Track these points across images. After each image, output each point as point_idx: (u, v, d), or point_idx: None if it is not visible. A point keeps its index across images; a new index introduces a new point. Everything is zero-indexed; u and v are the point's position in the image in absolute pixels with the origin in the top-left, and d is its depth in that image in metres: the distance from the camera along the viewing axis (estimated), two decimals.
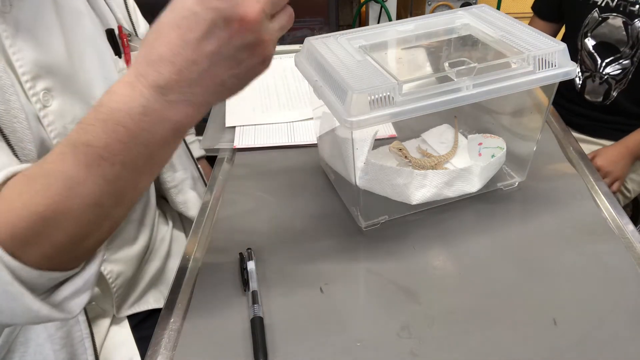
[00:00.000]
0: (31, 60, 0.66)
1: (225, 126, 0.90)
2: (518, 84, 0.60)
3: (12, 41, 0.64)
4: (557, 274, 0.61)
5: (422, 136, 0.83)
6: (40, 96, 0.66)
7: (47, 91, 0.67)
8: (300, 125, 0.89)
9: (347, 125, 0.55)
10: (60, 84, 0.69)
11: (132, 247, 0.82)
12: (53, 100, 0.68)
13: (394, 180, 0.66)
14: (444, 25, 0.71)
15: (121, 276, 0.79)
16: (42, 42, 0.68)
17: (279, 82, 1.03)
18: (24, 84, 0.65)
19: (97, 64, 0.76)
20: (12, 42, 0.64)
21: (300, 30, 1.83)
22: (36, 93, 0.66)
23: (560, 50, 0.61)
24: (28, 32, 0.66)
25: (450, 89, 0.58)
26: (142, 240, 0.83)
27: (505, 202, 0.72)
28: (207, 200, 0.75)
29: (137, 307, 0.83)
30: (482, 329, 0.55)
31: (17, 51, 0.64)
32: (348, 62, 0.60)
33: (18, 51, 0.64)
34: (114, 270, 0.78)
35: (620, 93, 1.22)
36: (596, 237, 0.65)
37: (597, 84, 1.24)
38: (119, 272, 0.78)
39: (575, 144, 0.83)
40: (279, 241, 0.67)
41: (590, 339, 0.53)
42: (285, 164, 0.81)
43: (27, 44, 0.65)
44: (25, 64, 0.65)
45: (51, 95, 0.68)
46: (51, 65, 0.68)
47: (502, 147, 0.72)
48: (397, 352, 0.53)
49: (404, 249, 0.65)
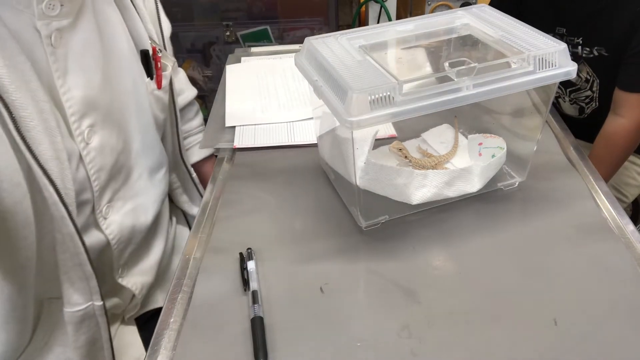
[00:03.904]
0: (79, 98, 0.63)
1: (225, 126, 0.90)
2: (518, 84, 0.60)
3: (63, 80, 0.61)
4: (557, 274, 0.61)
5: (422, 136, 0.83)
6: (84, 135, 0.64)
7: (90, 128, 0.65)
8: (300, 125, 0.89)
9: (347, 125, 0.55)
10: (101, 118, 0.67)
11: (150, 256, 0.82)
12: (94, 136, 0.66)
13: (394, 180, 0.65)
14: (443, 25, 0.71)
15: (145, 285, 0.79)
16: (89, 76, 0.65)
17: (279, 82, 1.03)
18: (72, 124, 0.62)
19: (130, 88, 0.73)
20: (63, 82, 0.61)
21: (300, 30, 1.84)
22: (82, 132, 0.64)
23: (560, 50, 0.61)
24: (77, 67, 0.62)
25: (450, 89, 0.58)
26: (158, 247, 0.83)
27: (505, 202, 0.72)
28: (207, 200, 0.75)
29: (145, 307, 0.84)
30: (482, 329, 0.55)
31: (67, 90, 0.61)
32: (348, 62, 0.60)
33: (68, 90, 0.61)
34: (137, 282, 0.78)
35: (593, 112, 1.22)
36: (596, 237, 0.65)
37: (569, 105, 1.25)
38: (143, 283, 0.79)
39: (575, 144, 0.83)
40: (279, 241, 0.67)
41: (590, 339, 0.53)
42: (285, 164, 0.81)
43: (76, 81, 0.62)
44: (75, 103, 0.62)
45: (94, 132, 0.66)
46: (95, 100, 0.65)
47: (502, 147, 0.72)
48: (397, 352, 0.53)
49: (404, 249, 0.65)
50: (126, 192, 0.74)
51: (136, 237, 0.77)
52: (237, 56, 1.16)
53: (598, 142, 1.15)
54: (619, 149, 1.14)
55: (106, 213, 0.71)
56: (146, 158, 0.78)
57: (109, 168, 0.69)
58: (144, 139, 0.77)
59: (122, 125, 0.72)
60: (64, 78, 0.61)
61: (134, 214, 0.75)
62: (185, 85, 1.00)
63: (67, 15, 0.61)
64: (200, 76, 1.92)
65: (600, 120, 1.16)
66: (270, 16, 1.81)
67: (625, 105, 1.09)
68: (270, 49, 1.22)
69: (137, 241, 0.77)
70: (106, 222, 0.71)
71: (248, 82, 1.03)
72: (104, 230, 0.71)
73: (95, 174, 0.66)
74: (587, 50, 1.13)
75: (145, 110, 0.77)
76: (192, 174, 0.94)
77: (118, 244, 0.73)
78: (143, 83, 0.76)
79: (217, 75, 1.89)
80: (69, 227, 0.62)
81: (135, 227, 0.76)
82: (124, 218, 0.74)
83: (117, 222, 0.72)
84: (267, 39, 1.85)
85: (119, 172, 0.72)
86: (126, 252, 0.76)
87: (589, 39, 1.12)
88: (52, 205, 0.60)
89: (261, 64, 1.11)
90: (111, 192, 0.71)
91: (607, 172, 1.16)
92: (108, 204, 0.71)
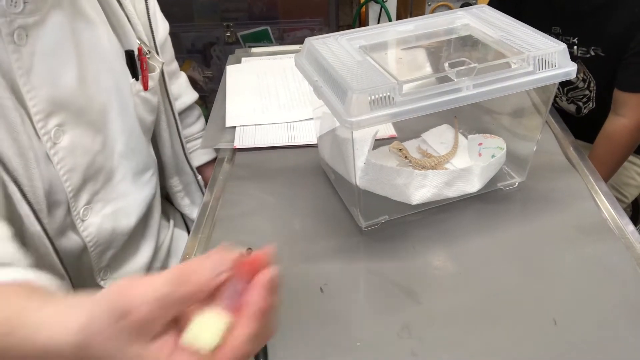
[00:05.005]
0: (45, 97, 0.61)
1: (225, 126, 0.90)
2: (518, 84, 0.60)
3: (26, 79, 0.59)
4: (557, 274, 0.61)
5: (422, 136, 0.83)
6: (51, 134, 0.63)
7: (58, 127, 0.63)
8: (300, 125, 0.89)
9: (347, 125, 0.55)
10: (72, 118, 0.65)
11: (137, 258, 0.81)
12: (63, 136, 0.64)
13: (394, 180, 0.66)
14: (444, 25, 0.71)
15: None
16: (57, 75, 0.63)
17: (279, 82, 1.03)
18: (36, 123, 0.61)
19: (112, 89, 0.72)
20: (26, 80, 0.59)
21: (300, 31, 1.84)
22: (48, 131, 0.62)
23: (560, 51, 0.61)
24: (44, 66, 0.61)
25: (450, 89, 0.58)
26: (146, 250, 0.82)
27: (505, 202, 0.72)
28: (207, 200, 0.75)
29: None
30: (482, 329, 0.55)
31: (31, 89, 0.60)
32: (348, 62, 0.60)
33: (32, 89, 0.60)
34: None
35: (590, 111, 1.22)
36: (596, 237, 0.65)
37: (567, 104, 1.24)
38: None
39: (575, 144, 0.83)
40: (279, 241, 0.67)
41: (590, 339, 0.53)
42: (285, 164, 0.81)
43: (41, 80, 0.61)
44: (39, 102, 0.60)
45: (62, 131, 0.64)
46: (64, 100, 0.64)
47: (502, 147, 0.72)
48: (397, 352, 0.53)
49: (404, 249, 0.65)
50: (107, 194, 0.73)
51: (117, 240, 0.75)
52: (238, 56, 1.16)
53: (599, 141, 1.15)
54: (620, 149, 1.14)
55: (84, 215, 0.69)
56: (130, 160, 0.76)
57: (83, 169, 0.68)
58: (127, 141, 0.75)
59: (100, 126, 0.70)
60: (27, 76, 0.59)
61: (114, 217, 0.74)
62: (184, 90, 0.98)
63: (33, 12, 0.59)
64: (200, 77, 1.92)
65: (598, 120, 1.16)
66: (270, 16, 1.81)
67: (626, 105, 1.09)
68: (270, 49, 1.22)
69: (118, 244, 0.76)
70: (84, 225, 0.70)
71: (248, 83, 1.03)
72: (81, 233, 0.69)
73: (66, 174, 0.65)
74: (583, 50, 1.13)
75: (130, 111, 0.76)
76: (197, 177, 0.93)
77: (96, 246, 0.72)
78: (127, 83, 0.74)
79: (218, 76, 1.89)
80: (35, 226, 0.61)
81: (116, 230, 0.74)
82: (104, 220, 0.72)
83: (95, 225, 0.71)
84: (268, 39, 1.85)
85: (97, 173, 0.71)
86: (106, 255, 0.75)
87: (585, 39, 1.12)
88: (17, 203, 0.59)
89: (261, 65, 1.11)
90: (89, 193, 0.70)
91: (608, 172, 1.16)
92: (86, 205, 0.69)
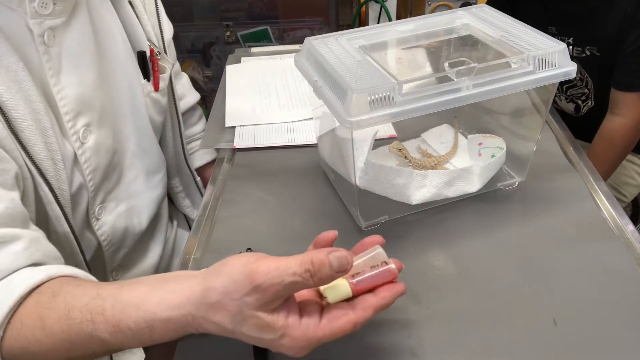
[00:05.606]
0: (74, 97, 0.62)
1: (225, 126, 0.90)
2: (518, 84, 0.60)
3: (56, 79, 0.60)
4: (557, 274, 0.61)
5: (422, 136, 0.83)
6: (80, 134, 0.64)
7: (86, 127, 0.65)
8: (300, 125, 0.89)
9: (347, 125, 0.55)
10: (96, 118, 0.67)
11: (147, 259, 0.81)
12: (90, 136, 0.65)
13: (394, 180, 0.65)
14: (443, 25, 0.71)
15: None
16: (83, 75, 0.64)
17: (279, 82, 1.03)
18: (66, 123, 0.62)
19: (126, 89, 0.73)
20: (56, 80, 0.60)
21: (300, 31, 1.84)
22: (76, 131, 0.63)
23: (560, 51, 0.61)
24: (71, 66, 0.62)
25: (450, 89, 0.58)
26: (156, 251, 0.83)
27: (505, 202, 0.72)
28: (207, 200, 0.75)
29: None
30: (482, 329, 0.55)
31: (61, 89, 0.61)
32: (348, 62, 0.60)
33: (62, 89, 0.61)
34: None
35: (589, 110, 1.22)
36: (596, 237, 0.65)
37: (566, 102, 1.24)
38: None
39: (575, 144, 0.83)
40: (279, 241, 0.67)
41: (589, 339, 0.53)
42: (285, 164, 0.81)
43: (70, 80, 0.62)
44: (69, 102, 0.62)
45: (89, 131, 0.65)
46: (90, 100, 0.65)
47: (502, 147, 0.72)
48: (397, 352, 0.53)
49: (404, 249, 0.65)
50: (119, 193, 0.74)
51: (129, 239, 0.76)
52: (237, 56, 1.16)
53: (597, 140, 1.15)
54: (618, 148, 1.14)
55: (99, 214, 0.70)
56: (142, 160, 0.77)
57: (103, 168, 0.69)
58: (140, 141, 0.76)
59: (116, 126, 0.71)
60: (57, 77, 0.60)
61: (127, 216, 0.75)
62: (187, 90, 0.99)
63: (61, 14, 0.60)
64: (200, 76, 1.92)
65: (597, 120, 1.16)
66: (270, 16, 1.82)
67: (623, 104, 1.09)
68: (270, 49, 1.22)
69: (130, 244, 0.77)
70: (98, 223, 0.71)
71: (248, 83, 1.03)
72: (96, 232, 0.70)
73: (90, 174, 0.66)
74: (579, 49, 1.13)
75: (142, 112, 0.77)
76: (196, 178, 0.94)
77: (110, 245, 0.73)
78: (139, 84, 0.76)
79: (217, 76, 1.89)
80: (64, 226, 0.62)
81: (128, 229, 0.75)
82: (117, 219, 0.73)
83: (109, 223, 0.72)
84: (267, 39, 1.85)
85: (112, 172, 0.72)
86: (119, 254, 0.76)
87: (580, 39, 1.12)
88: (47, 205, 0.60)
89: (261, 64, 1.11)
90: (104, 192, 0.71)
91: (606, 170, 1.16)
92: (101, 204, 0.70)
